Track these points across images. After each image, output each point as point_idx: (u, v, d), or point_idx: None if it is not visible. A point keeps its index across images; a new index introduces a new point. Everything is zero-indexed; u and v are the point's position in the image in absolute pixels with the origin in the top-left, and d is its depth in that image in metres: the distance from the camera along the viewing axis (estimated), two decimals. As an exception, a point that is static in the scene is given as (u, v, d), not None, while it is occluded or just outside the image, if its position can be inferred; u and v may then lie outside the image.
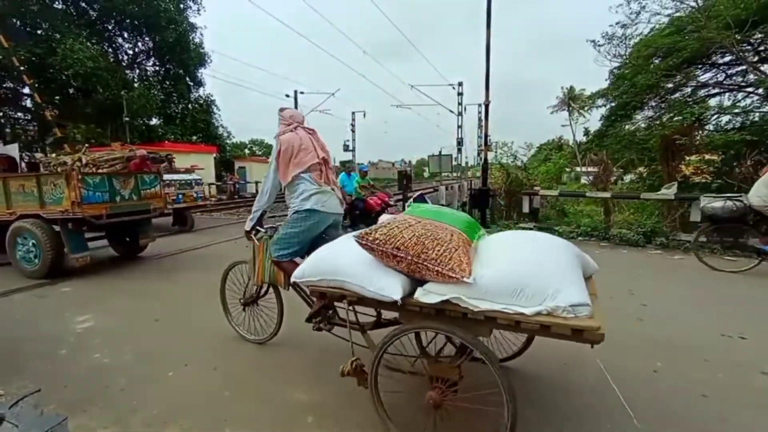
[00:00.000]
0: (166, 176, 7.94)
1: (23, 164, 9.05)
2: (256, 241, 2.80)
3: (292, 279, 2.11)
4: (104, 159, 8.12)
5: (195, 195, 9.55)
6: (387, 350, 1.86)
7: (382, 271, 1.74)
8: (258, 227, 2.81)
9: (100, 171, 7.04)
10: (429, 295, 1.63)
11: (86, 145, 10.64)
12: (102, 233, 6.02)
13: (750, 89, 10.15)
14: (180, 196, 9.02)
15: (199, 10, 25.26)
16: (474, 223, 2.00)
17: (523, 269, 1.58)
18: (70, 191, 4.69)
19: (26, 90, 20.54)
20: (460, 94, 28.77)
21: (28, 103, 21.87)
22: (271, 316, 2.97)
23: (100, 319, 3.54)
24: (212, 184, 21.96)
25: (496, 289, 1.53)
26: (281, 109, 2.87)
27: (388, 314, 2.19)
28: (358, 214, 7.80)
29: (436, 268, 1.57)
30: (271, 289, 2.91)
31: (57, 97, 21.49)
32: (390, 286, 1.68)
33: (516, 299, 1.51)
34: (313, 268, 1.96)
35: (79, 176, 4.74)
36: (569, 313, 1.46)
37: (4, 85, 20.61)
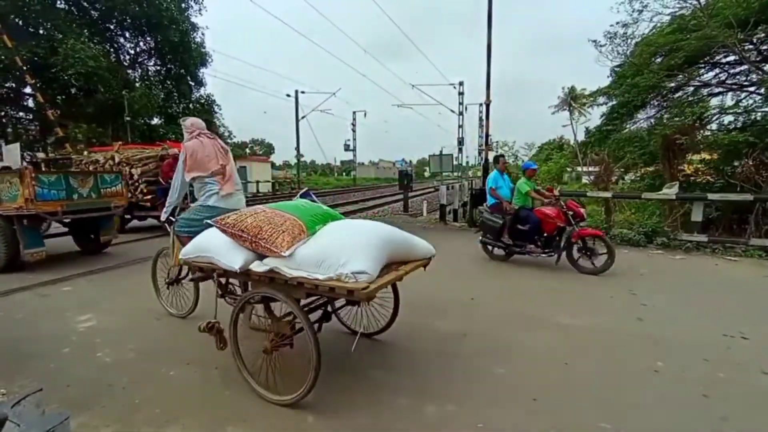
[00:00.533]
0: None
1: (25, 163, 9.06)
2: (170, 229, 3.30)
3: (180, 256, 2.61)
4: (137, 157, 7.90)
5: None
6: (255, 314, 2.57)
7: (234, 249, 2.23)
8: (171, 218, 3.31)
9: (134, 167, 7.46)
10: (261, 266, 2.13)
11: (119, 142, 10.55)
12: (65, 230, 6.35)
13: (752, 89, 10.11)
14: None
15: (200, 9, 25.29)
16: (324, 215, 2.49)
17: (327, 247, 2.07)
18: (24, 189, 4.90)
19: (28, 90, 20.60)
20: (461, 93, 28.75)
21: (30, 102, 21.94)
22: (189, 296, 3.51)
23: (102, 318, 3.55)
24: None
25: (306, 261, 2.03)
26: (183, 119, 3.42)
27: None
28: (527, 230, 5.32)
29: (266, 245, 2.10)
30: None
31: (59, 97, 21.53)
32: (235, 259, 2.17)
33: (318, 269, 1.99)
34: (193, 247, 2.45)
35: (32, 175, 4.98)
36: (351, 278, 1.90)
37: (6, 85, 20.66)
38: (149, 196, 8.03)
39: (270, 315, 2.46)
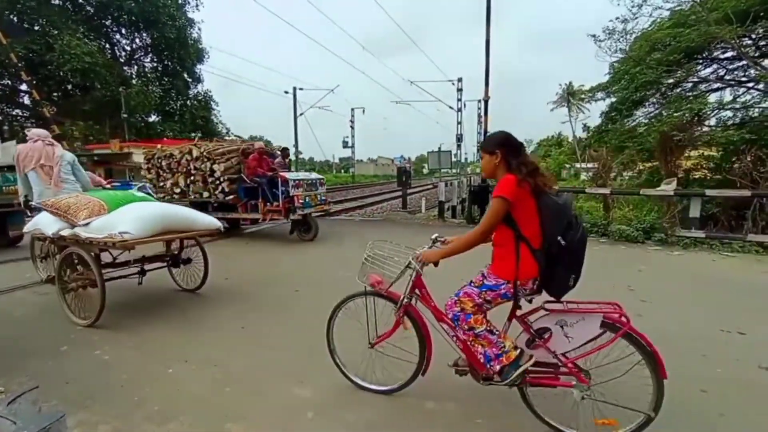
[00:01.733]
0: (289, 175, 6.87)
1: None
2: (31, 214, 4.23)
3: (25, 230, 3.90)
4: (219, 152, 7.09)
5: (319, 198, 7.51)
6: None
7: (53, 222, 3.34)
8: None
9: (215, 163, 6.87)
10: (66, 230, 3.24)
11: (197, 136, 10.11)
12: None
13: (750, 84, 10.12)
14: (307, 199, 7.01)
15: (197, 5, 25.12)
16: (128, 199, 3.53)
17: (112, 218, 3.19)
18: None
19: (24, 87, 20.45)
20: (459, 90, 28.67)
21: (26, 100, 21.79)
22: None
23: (100, 316, 3.54)
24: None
25: (97, 228, 3.12)
26: (28, 130, 4.28)
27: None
28: None
29: (71, 217, 3.17)
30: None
31: (55, 94, 21.40)
32: (52, 228, 3.31)
33: (101, 232, 3.08)
34: (32, 223, 3.65)
35: None
36: (117, 236, 3.01)
37: (2, 82, 20.51)
38: (231, 196, 7.12)
39: (83, 266, 3.39)
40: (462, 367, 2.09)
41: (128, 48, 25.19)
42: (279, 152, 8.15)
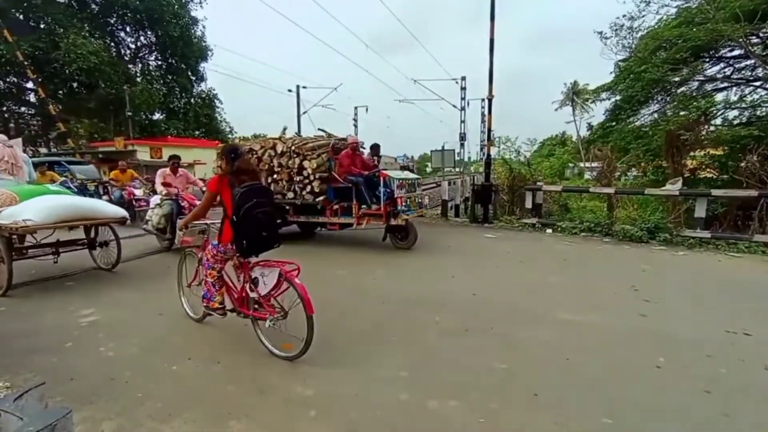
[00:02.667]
0: (392, 173, 6.11)
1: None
2: None
3: None
4: (309, 147, 6.33)
5: (417, 201, 6.73)
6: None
7: None
8: None
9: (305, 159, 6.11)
10: None
11: (285, 128, 9.82)
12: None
13: (757, 83, 10.01)
14: (408, 201, 6.26)
15: (201, 2, 25.15)
16: (41, 192, 4.44)
17: (20, 207, 4.00)
18: None
19: (30, 84, 20.58)
20: (463, 88, 28.56)
21: (32, 97, 21.93)
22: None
23: (105, 313, 3.57)
24: (215, 178, 21.98)
25: (4, 215, 3.92)
26: None
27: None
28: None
29: None
30: None
31: (60, 92, 21.52)
32: None
33: (8, 219, 3.87)
34: None
35: None
36: (21, 222, 3.81)
37: (8, 80, 20.65)
38: (321, 197, 6.17)
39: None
40: None
41: (132, 46, 25.28)
42: (363, 149, 7.13)
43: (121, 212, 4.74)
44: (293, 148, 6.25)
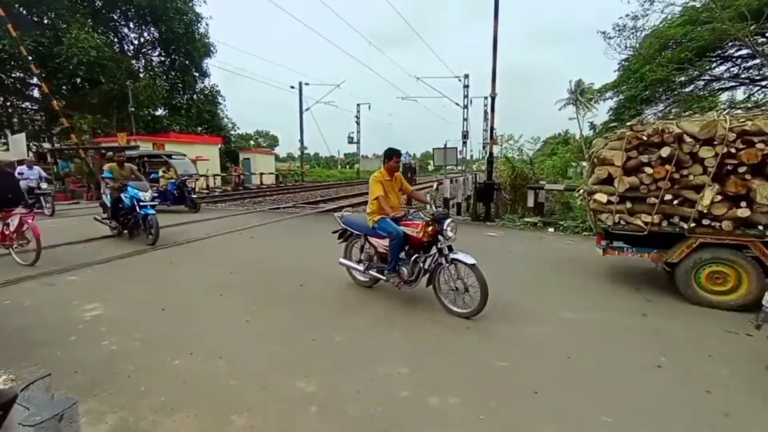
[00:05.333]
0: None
1: (31, 154, 9.07)
2: None
3: None
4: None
5: None
6: None
7: None
8: None
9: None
10: None
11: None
12: None
13: (764, 83, 9.94)
14: None
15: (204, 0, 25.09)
16: None
17: None
18: None
19: (33, 80, 20.62)
20: (466, 86, 28.47)
21: (35, 93, 21.98)
22: None
23: (108, 308, 3.59)
24: (217, 175, 22.05)
25: None
26: None
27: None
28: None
29: None
30: None
31: (64, 87, 21.56)
32: None
33: None
34: None
35: None
36: None
37: (12, 75, 20.70)
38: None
39: None
40: None
41: (136, 42, 25.26)
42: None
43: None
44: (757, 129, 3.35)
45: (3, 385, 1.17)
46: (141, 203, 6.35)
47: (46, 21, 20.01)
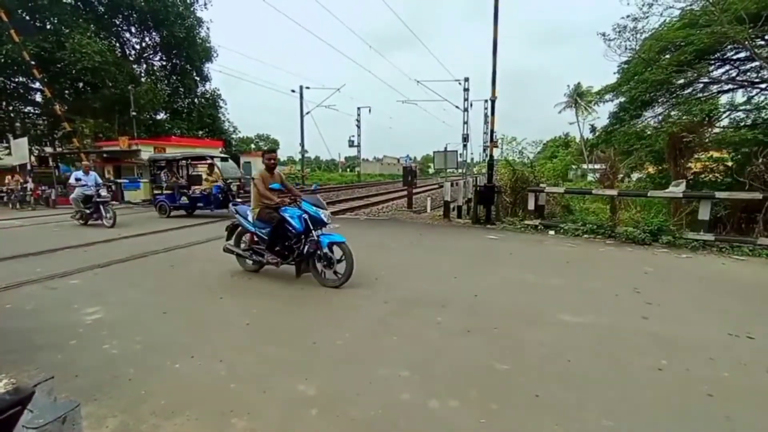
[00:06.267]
0: None
1: (33, 158, 9.12)
2: None
3: None
4: None
5: None
6: None
7: None
8: None
9: None
10: None
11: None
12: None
13: (763, 86, 9.96)
14: None
15: (206, 4, 25.26)
16: None
17: None
18: None
19: (36, 84, 20.74)
20: (466, 90, 28.57)
21: (38, 97, 22.09)
22: None
23: (109, 311, 3.60)
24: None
25: None
26: None
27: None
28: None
29: None
30: None
31: (66, 92, 21.67)
32: None
33: None
34: None
35: None
36: None
37: (15, 80, 20.82)
38: None
39: None
40: None
41: (137, 46, 25.41)
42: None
43: None
44: None
45: (3, 388, 1.18)
46: (314, 225, 4.31)
47: (48, 26, 20.14)
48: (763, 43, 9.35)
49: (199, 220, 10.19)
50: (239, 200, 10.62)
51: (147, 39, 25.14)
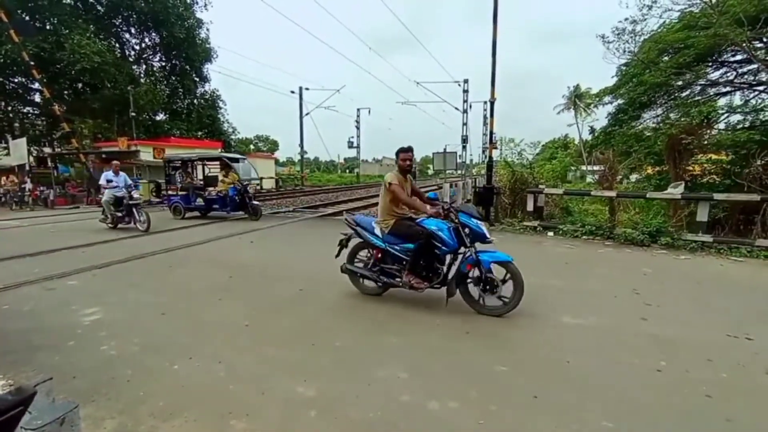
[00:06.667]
0: None
1: (31, 158, 9.09)
2: None
3: None
4: None
5: None
6: None
7: None
8: None
9: None
10: None
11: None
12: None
13: (761, 88, 9.99)
14: None
15: (206, 5, 25.30)
16: None
17: None
18: None
19: (35, 85, 20.71)
20: (465, 91, 28.62)
21: (37, 97, 22.07)
22: None
23: (107, 312, 3.59)
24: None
25: None
26: None
27: None
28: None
29: None
30: None
31: (65, 92, 21.66)
32: None
33: None
34: None
35: None
36: None
37: (14, 80, 20.80)
38: None
39: None
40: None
41: (137, 47, 25.42)
42: None
43: None
44: None
45: (2, 389, 1.18)
46: (474, 240, 3.61)
47: (48, 26, 20.14)
48: (760, 45, 9.39)
49: (200, 220, 10.18)
50: (256, 202, 10.64)
51: (147, 40, 25.16)
